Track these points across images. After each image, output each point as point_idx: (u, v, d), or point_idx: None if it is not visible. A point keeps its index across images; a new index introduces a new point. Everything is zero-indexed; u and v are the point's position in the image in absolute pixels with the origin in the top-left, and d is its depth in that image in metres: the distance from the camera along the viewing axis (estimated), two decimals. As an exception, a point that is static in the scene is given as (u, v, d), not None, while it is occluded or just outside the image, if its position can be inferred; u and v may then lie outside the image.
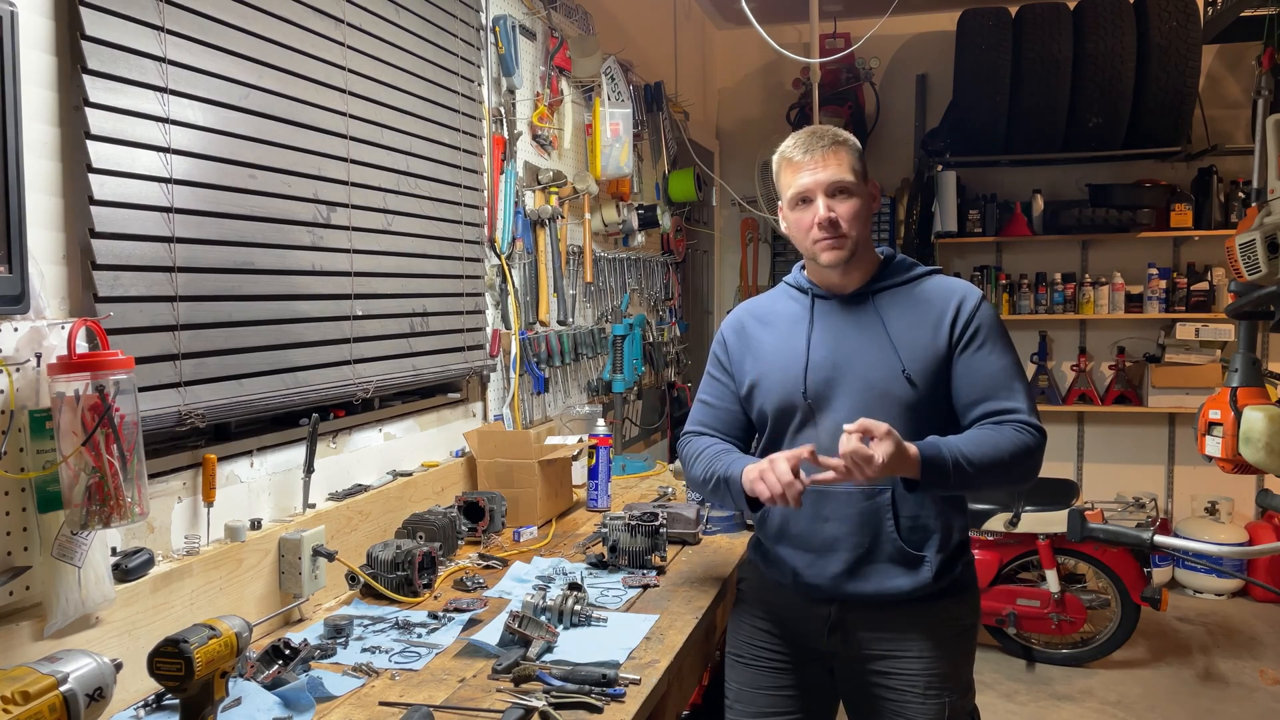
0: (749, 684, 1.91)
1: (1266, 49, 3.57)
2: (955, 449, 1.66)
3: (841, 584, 1.78)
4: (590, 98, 3.65)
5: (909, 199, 5.45)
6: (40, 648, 1.37)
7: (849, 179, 1.76)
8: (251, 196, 1.88)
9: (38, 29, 1.45)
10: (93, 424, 1.35)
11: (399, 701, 1.51)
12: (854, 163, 1.79)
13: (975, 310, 1.78)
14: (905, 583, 1.75)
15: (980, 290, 1.83)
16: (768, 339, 1.89)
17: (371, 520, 2.22)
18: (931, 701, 1.76)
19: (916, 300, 1.81)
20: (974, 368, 1.76)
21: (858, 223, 1.78)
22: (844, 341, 1.80)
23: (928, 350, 1.76)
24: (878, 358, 1.77)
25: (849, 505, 1.76)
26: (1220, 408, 3.02)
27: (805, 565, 1.81)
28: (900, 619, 1.78)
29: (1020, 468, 1.71)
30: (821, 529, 1.79)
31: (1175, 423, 5.43)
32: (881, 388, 1.75)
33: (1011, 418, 1.72)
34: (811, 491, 1.75)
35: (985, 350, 1.76)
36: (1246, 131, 5.12)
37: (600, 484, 2.80)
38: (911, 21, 5.57)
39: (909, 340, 1.77)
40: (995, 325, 1.79)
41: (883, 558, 1.76)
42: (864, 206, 1.79)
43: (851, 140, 1.82)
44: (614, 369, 3.95)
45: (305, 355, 2.05)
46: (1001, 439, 1.70)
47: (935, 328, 1.77)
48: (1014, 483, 1.76)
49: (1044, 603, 3.99)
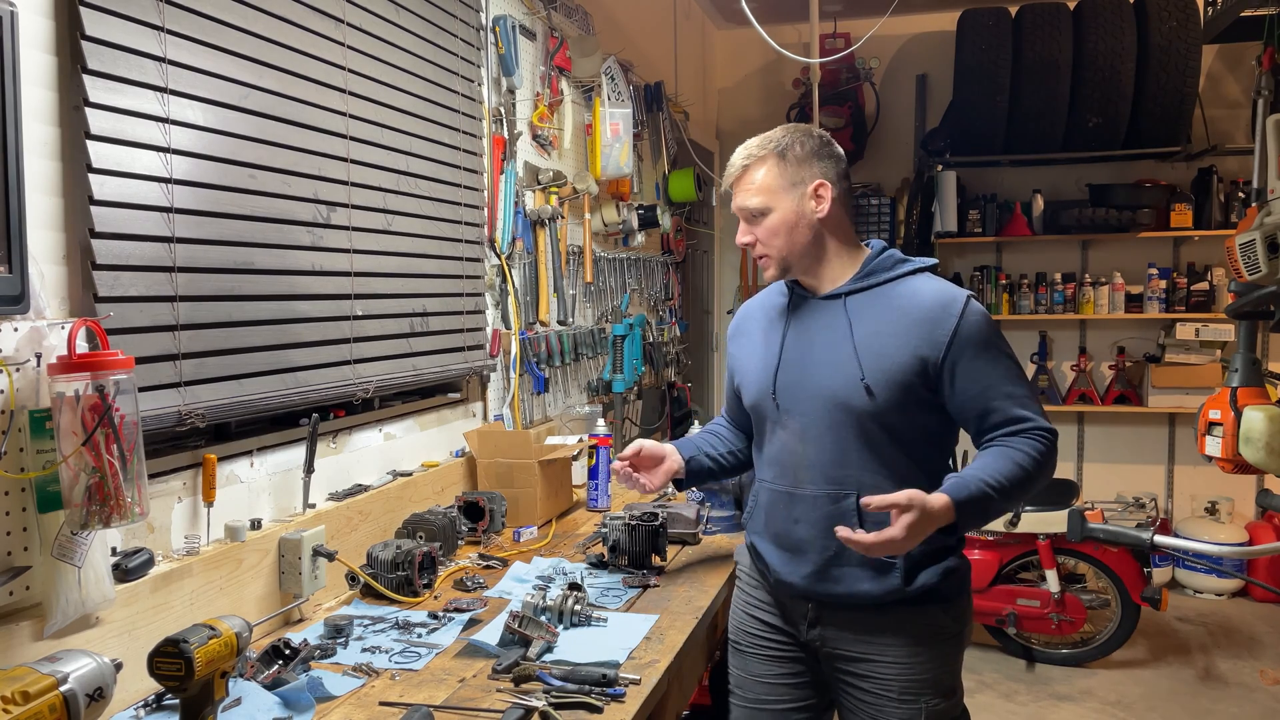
0: (747, 671, 1.94)
1: (1266, 49, 3.57)
2: (980, 481, 1.63)
3: (813, 584, 1.78)
4: (590, 98, 3.65)
5: (909, 199, 5.46)
6: (40, 648, 1.37)
7: (755, 203, 1.76)
8: (251, 196, 1.88)
9: (38, 29, 1.45)
10: (93, 424, 1.35)
11: (399, 701, 1.51)
12: (770, 179, 1.75)
13: (959, 323, 1.68)
14: (873, 587, 1.73)
15: (967, 292, 1.74)
16: (755, 335, 1.91)
17: (371, 520, 2.22)
18: (907, 706, 1.75)
19: (891, 305, 1.74)
20: (971, 383, 1.69)
21: (779, 239, 1.76)
22: (813, 344, 1.79)
23: (894, 361, 1.69)
24: (839, 364, 1.73)
25: (815, 509, 1.75)
26: (1220, 408, 3.02)
27: (781, 563, 1.82)
28: (873, 622, 1.76)
29: (1043, 476, 1.70)
30: (793, 529, 1.79)
31: (1175, 423, 5.43)
32: (842, 396, 1.72)
33: (1023, 426, 1.69)
34: (783, 493, 1.81)
35: (981, 363, 1.69)
36: (1246, 131, 5.12)
37: (600, 484, 2.80)
38: (911, 21, 5.57)
39: (874, 348, 1.71)
40: (986, 332, 1.71)
41: (852, 561, 1.73)
42: (784, 220, 1.75)
43: (765, 153, 1.77)
44: (614, 369, 3.95)
45: (305, 355, 2.05)
46: (1020, 454, 1.67)
47: (908, 340, 1.70)
48: (1038, 489, 1.74)
49: (1044, 603, 3.99)
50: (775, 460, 1.83)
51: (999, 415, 1.70)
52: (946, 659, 1.79)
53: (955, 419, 1.76)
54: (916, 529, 1.57)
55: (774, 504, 1.83)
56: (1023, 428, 1.69)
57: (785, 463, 1.80)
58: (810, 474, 1.76)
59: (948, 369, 1.69)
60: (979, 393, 1.70)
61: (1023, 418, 1.70)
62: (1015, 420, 1.70)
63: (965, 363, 1.69)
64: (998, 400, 1.70)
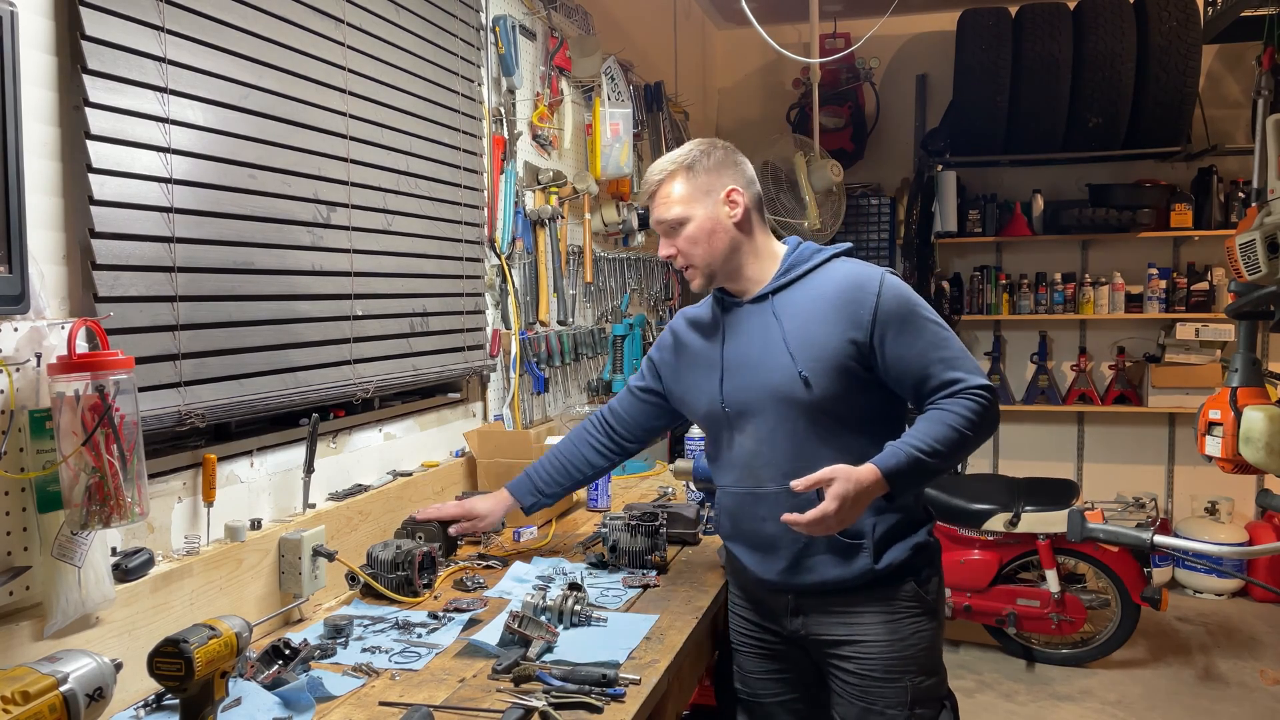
0: (746, 668, 2.01)
1: (1266, 49, 3.57)
2: (910, 447, 1.68)
3: (789, 578, 1.84)
4: (590, 98, 3.65)
5: (909, 199, 5.45)
6: (40, 648, 1.37)
7: (670, 215, 1.84)
8: (251, 196, 1.88)
9: (38, 29, 1.45)
10: (93, 424, 1.35)
11: (399, 701, 1.51)
12: (682, 190, 1.83)
13: (878, 300, 1.74)
14: (845, 571, 1.79)
15: (882, 269, 1.80)
16: (693, 348, 1.97)
17: (371, 520, 2.22)
18: (893, 684, 1.80)
19: (812, 296, 1.81)
20: (901, 355, 1.74)
21: (700, 247, 1.84)
22: (750, 348, 1.84)
23: (824, 348, 1.75)
24: (776, 361, 1.79)
25: (780, 505, 1.76)
26: (1220, 408, 3.02)
27: (755, 563, 1.88)
28: (853, 603, 1.82)
29: (983, 432, 1.73)
30: (762, 528, 1.84)
31: (1175, 423, 5.43)
32: (785, 391, 1.78)
33: (957, 387, 1.73)
34: (748, 494, 1.86)
35: (907, 334, 1.74)
36: (1246, 131, 5.12)
37: (600, 484, 2.80)
38: (911, 21, 5.57)
39: (803, 339, 1.77)
40: (906, 304, 1.76)
41: (820, 549, 1.79)
42: (701, 227, 1.83)
43: (675, 167, 1.85)
44: (614, 369, 3.95)
45: (305, 355, 2.05)
46: (951, 415, 1.71)
47: (835, 324, 1.75)
48: (978, 446, 1.77)
49: (1044, 603, 3.99)
50: (735, 464, 1.88)
51: (934, 381, 1.75)
52: (926, 636, 1.84)
53: (895, 392, 1.80)
54: (849, 501, 1.62)
55: (739, 507, 1.89)
56: (957, 389, 1.73)
57: (746, 465, 1.86)
58: (770, 472, 1.81)
59: (877, 345, 1.75)
60: (910, 363, 1.75)
61: (956, 380, 1.73)
62: (950, 383, 1.74)
63: (892, 337, 1.74)
64: (930, 367, 1.74)
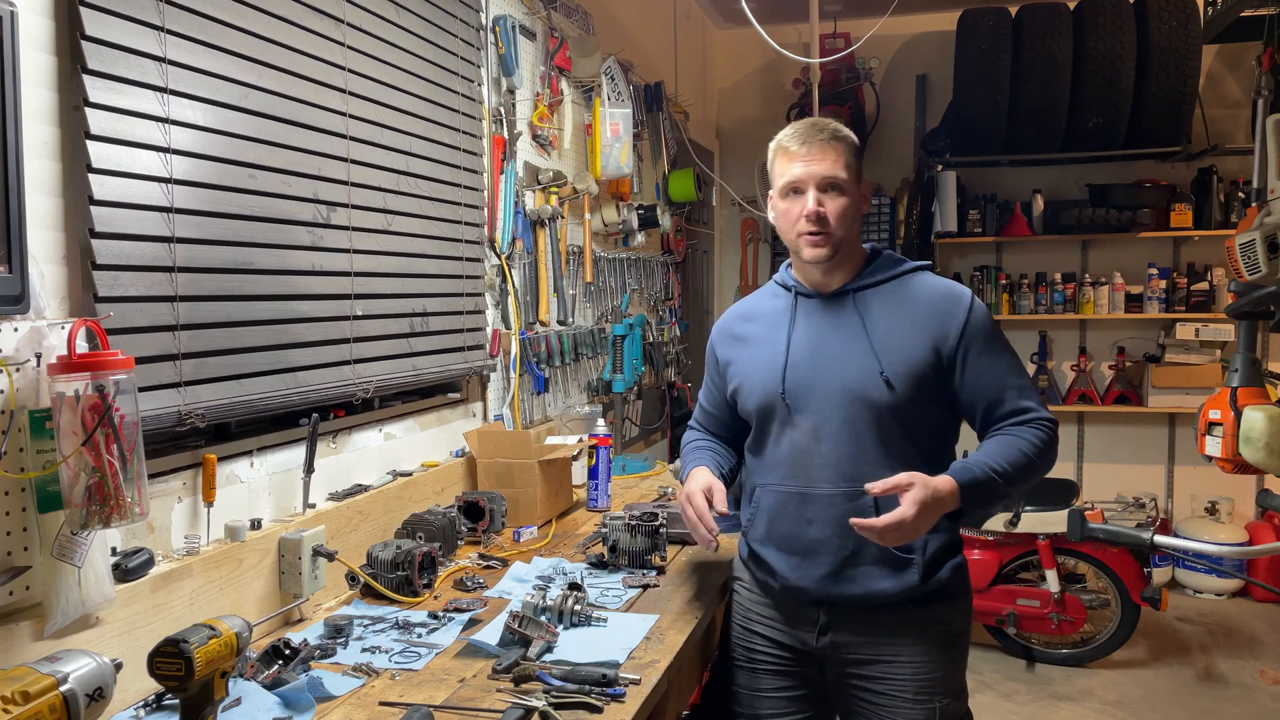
0: (749, 687, 1.93)
1: (1266, 49, 3.57)
2: (985, 466, 1.67)
3: (827, 587, 1.77)
4: (590, 98, 3.65)
5: (909, 199, 5.45)
6: (40, 648, 1.37)
7: (842, 176, 1.76)
8: (251, 196, 1.88)
9: (38, 29, 1.45)
10: (93, 424, 1.35)
11: (399, 701, 1.51)
12: (850, 160, 1.78)
13: (969, 315, 1.76)
14: (891, 585, 1.74)
15: (969, 290, 1.82)
16: (753, 338, 1.90)
17: (371, 520, 2.22)
18: (922, 706, 1.75)
19: (902, 300, 1.79)
20: (980, 374, 1.75)
21: (844, 221, 1.76)
22: (824, 341, 1.79)
23: (910, 353, 1.74)
24: (856, 359, 1.75)
25: (832, 507, 1.74)
26: (1220, 408, 3.02)
27: (791, 568, 1.80)
28: (888, 622, 1.77)
29: (1045, 464, 1.74)
30: (806, 531, 1.78)
31: (1175, 423, 5.43)
32: (859, 389, 1.74)
33: (1026, 417, 1.74)
34: (794, 494, 1.79)
35: (988, 355, 1.76)
36: (1246, 131, 5.12)
37: (600, 484, 2.80)
38: (911, 21, 5.57)
39: (890, 342, 1.75)
40: (991, 326, 1.79)
41: (868, 559, 1.74)
42: (853, 206, 1.78)
43: (850, 137, 1.80)
44: (614, 369, 3.95)
45: (305, 355, 2.05)
46: (1024, 442, 1.72)
47: (922, 331, 1.75)
48: (1041, 477, 1.77)
49: (1044, 603, 3.99)
50: (784, 461, 1.81)
51: (1005, 406, 1.75)
52: (955, 657, 1.82)
53: (962, 410, 1.80)
54: (926, 509, 1.59)
55: (781, 507, 1.81)
56: (1027, 418, 1.74)
57: (796, 463, 1.79)
58: (825, 472, 1.76)
59: (959, 360, 1.75)
60: (986, 384, 1.75)
61: (1027, 408, 1.75)
62: (1020, 411, 1.75)
63: (974, 355, 1.75)
64: (1003, 391, 1.75)
